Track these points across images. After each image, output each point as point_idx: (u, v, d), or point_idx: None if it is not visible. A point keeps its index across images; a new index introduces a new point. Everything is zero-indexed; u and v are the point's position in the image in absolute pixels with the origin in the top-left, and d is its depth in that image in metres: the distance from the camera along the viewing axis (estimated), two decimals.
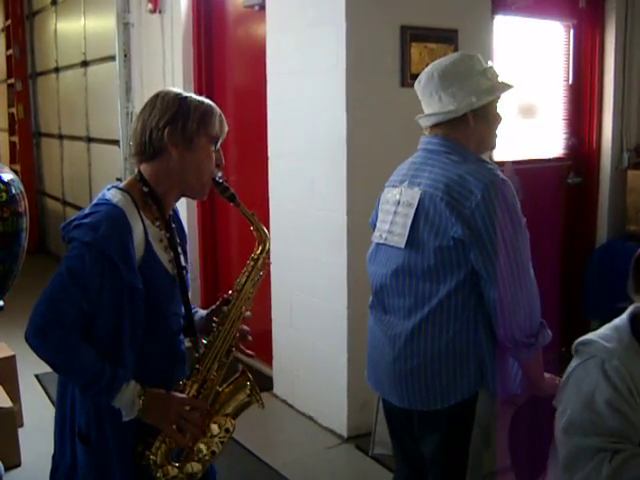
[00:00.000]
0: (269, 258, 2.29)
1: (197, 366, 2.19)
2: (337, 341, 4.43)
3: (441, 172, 2.47)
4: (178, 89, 2.22)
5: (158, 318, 2.15)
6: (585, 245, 5.69)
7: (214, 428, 2.20)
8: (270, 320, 4.88)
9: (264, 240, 2.27)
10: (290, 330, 4.77)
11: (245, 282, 2.24)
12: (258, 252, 2.26)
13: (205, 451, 2.18)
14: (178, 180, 2.16)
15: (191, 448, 2.16)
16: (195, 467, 2.18)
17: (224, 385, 2.27)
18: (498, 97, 2.59)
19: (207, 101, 2.20)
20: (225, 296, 2.28)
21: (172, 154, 2.12)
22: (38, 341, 2.01)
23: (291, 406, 4.85)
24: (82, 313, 1.99)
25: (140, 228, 2.07)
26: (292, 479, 3.99)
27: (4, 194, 3.12)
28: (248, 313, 2.28)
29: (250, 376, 2.27)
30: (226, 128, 2.22)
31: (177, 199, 2.24)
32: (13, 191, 3.17)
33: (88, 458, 2.13)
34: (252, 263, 2.26)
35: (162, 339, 2.18)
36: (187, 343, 2.31)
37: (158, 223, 2.15)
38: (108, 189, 2.15)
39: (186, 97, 2.16)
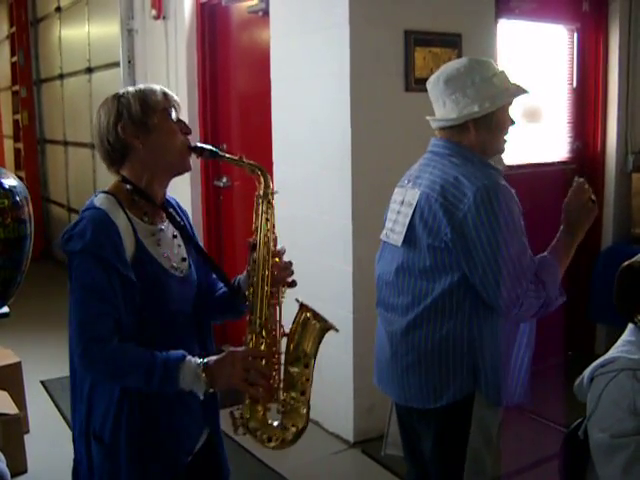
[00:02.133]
0: (274, 188, 2.24)
1: (249, 317, 2.18)
2: (343, 346, 4.42)
3: (440, 174, 2.50)
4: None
5: (162, 317, 2.14)
6: (590, 248, 5.67)
7: (294, 371, 2.21)
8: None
9: (263, 174, 2.21)
10: None
11: (260, 220, 2.20)
12: (261, 189, 2.21)
13: (296, 396, 2.21)
14: (154, 166, 2.16)
15: (272, 397, 2.17)
16: (296, 419, 2.22)
17: (291, 326, 2.25)
18: (507, 103, 2.58)
19: (142, 85, 2.20)
20: (250, 241, 2.22)
21: (135, 146, 2.13)
22: (86, 367, 2.09)
23: None
24: (110, 319, 2.02)
25: (127, 226, 2.08)
26: None
27: (6, 200, 3.11)
28: (280, 247, 2.26)
29: (309, 306, 2.27)
30: (173, 97, 2.19)
31: (165, 185, 2.22)
32: (17, 197, 3.16)
33: (102, 458, 2.13)
34: (259, 200, 2.22)
35: (169, 341, 2.10)
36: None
37: (147, 218, 2.16)
38: (95, 195, 2.17)
39: (122, 92, 2.18)
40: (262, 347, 2.17)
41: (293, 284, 2.28)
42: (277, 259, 2.24)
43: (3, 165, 9.88)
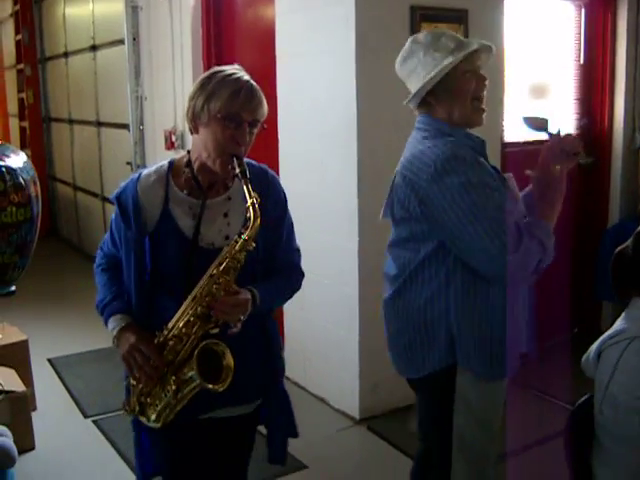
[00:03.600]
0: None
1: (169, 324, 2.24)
2: (348, 324, 4.43)
3: (410, 149, 2.58)
4: (233, 67, 2.34)
5: (164, 275, 2.30)
6: (597, 226, 5.67)
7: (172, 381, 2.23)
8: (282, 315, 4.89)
9: (254, 218, 2.17)
10: (301, 313, 4.77)
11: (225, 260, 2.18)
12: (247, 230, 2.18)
13: (160, 401, 2.27)
14: (200, 154, 2.28)
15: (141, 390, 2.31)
16: (150, 414, 2.31)
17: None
18: (459, 67, 2.49)
19: (232, 76, 2.27)
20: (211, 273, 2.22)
21: (193, 129, 2.29)
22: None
23: (303, 388, 4.86)
24: (109, 250, 2.46)
25: (160, 194, 2.30)
26: (304, 461, 4.01)
27: (1, 184, 3.09)
28: (244, 296, 2.23)
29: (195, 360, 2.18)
30: (240, 105, 2.21)
31: (221, 171, 2.28)
32: (12, 181, 3.12)
33: None
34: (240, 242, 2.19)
35: (167, 295, 2.30)
36: None
37: (186, 191, 2.32)
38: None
39: (218, 72, 2.28)
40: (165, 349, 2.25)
41: (215, 326, 2.22)
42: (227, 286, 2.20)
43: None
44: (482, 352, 2.49)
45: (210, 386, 2.15)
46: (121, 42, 6.88)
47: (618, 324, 2.33)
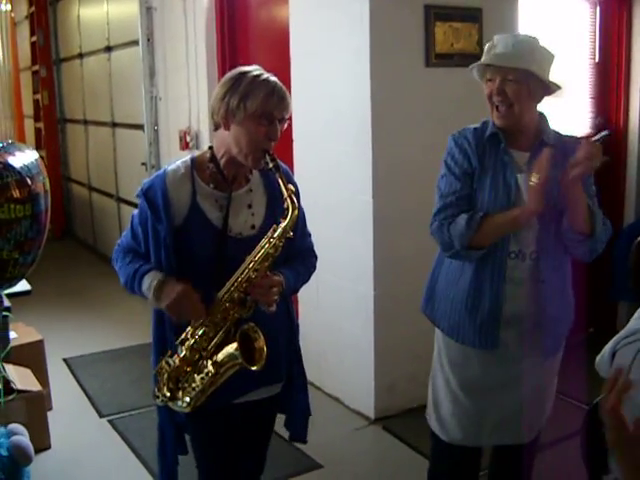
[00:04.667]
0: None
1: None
2: (364, 323, 4.43)
3: None
4: (256, 68, 2.43)
5: (197, 266, 2.41)
6: (613, 225, 5.61)
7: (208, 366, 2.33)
8: (296, 302, 4.87)
9: (292, 214, 2.35)
10: (317, 313, 4.77)
11: (264, 248, 2.34)
12: (283, 226, 2.36)
13: (195, 383, 2.35)
14: (229, 149, 2.40)
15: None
16: (183, 397, 2.37)
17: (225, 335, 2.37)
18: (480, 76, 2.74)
19: (262, 77, 2.38)
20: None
21: (223, 126, 2.39)
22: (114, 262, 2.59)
23: (318, 388, 4.85)
24: (130, 242, 2.51)
25: (185, 188, 2.40)
26: (319, 460, 4.02)
27: None
28: (278, 278, 2.40)
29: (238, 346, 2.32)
30: (275, 104, 2.37)
31: (242, 167, 2.45)
32: (8, 179, 3.09)
33: None
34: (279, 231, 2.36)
35: (197, 287, 2.36)
36: None
37: (212, 185, 2.43)
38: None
39: (246, 73, 2.39)
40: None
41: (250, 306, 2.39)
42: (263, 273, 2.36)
43: None
44: (445, 317, 2.80)
45: (249, 366, 2.29)
46: (135, 43, 6.89)
47: (632, 323, 2.31)
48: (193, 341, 2.34)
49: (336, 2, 4.41)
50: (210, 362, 2.32)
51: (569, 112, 5.48)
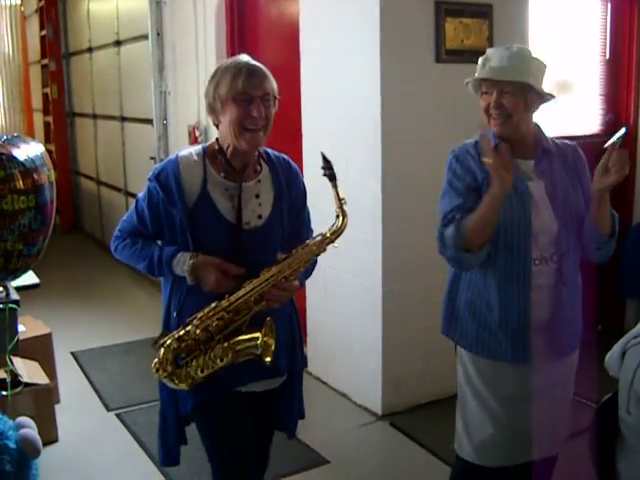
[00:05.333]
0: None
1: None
2: (371, 319, 4.43)
3: None
4: (238, 57, 2.52)
5: (204, 251, 2.42)
6: (621, 223, 5.58)
7: (213, 354, 2.39)
8: (304, 298, 4.89)
9: (343, 223, 2.49)
10: (324, 308, 4.77)
11: (301, 253, 2.44)
12: (332, 230, 2.48)
13: (197, 370, 2.39)
14: (227, 139, 2.46)
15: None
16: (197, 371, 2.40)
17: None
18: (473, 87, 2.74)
19: (232, 63, 2.47)
20: (283, 257, 2.44)
21: (215, 120, 2.49)
22: (113, 254, 2.62)
23: (325, 384, 4.86)
24: (132, 226, 2.54)
25: (197, 175, 2.44)
26: (326, 456, 4.01)
27: (1, 171, 3.05)
28: (296, 283, 2.49)
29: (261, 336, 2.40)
30: (243, 83, 2.39)
31: (243, 156, 2.49)
32: (12, 170, 3.08)
33: None
34: (319, 240, 2.47)
35: None
36: None
37: (223, 174, 2.47)
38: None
39: (220, 65, 2.49)
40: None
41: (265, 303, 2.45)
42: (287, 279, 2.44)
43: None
44: (472, 335, 2.72)
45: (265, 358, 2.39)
46: (145, 37, 6.90)
47: None
48: (211, 322, 2.37)
49: None
50: (225, 344, 2.37)
51: (579, 109, 5.46)
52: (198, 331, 2.37)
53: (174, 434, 2.60)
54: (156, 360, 2.41)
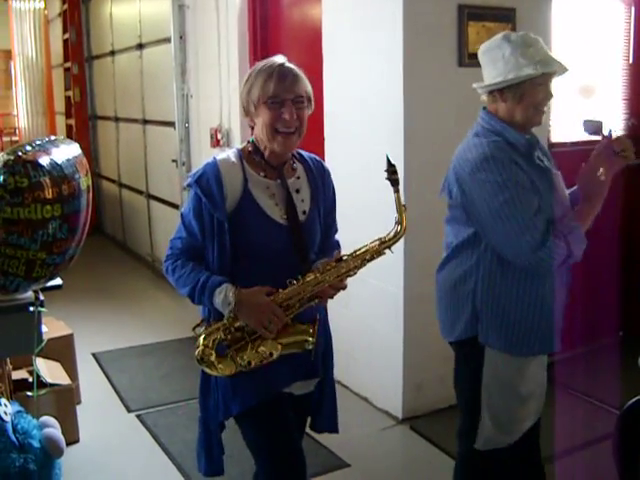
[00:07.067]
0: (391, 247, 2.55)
1: (293, 281, 2.42)
2: (392, 322, 4.42)
3: (465, 141, 2.76)
4: (272, 58, 2.49)
5: (248, 250, 2.45)
6: None
7: (262, 349, 2.41)
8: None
9: (401, 230, 2.57)
10: (346, 312, 4.76)
11: (359, 254, 2.50)
12: (388, 238, 2.56)
13: (244, 360, 2.41)
14: (262, 141, 2.48)
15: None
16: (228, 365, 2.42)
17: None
18: (536, 77, 2.60)
19: (265, 65, 2.45)
20: (341, 256, 2.51)
21: (252, 122, 2.50)
22: (165, 273, 2.56)
23: (346, 387, 4.85)
24: (183, 242, 2.50)
25: (237, 176, 2.44)
26: (346, 460, 4.02)
27: (26, 180, 3.00)
28: (344, 283, 2.54)
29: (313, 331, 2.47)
30: (275, 86, 2.39)
31: (281, 155, 2.51)
32: (41, 178, 3.01)
33: None
34: (377, 244, 2.53)
35: (251, 269, 2.46)
36: None
37: (262, 173, 2.49)
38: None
39: (255, 67, 2.47)
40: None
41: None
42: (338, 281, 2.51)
43: None
44: (501, 333, 2.67)
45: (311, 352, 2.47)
46: (167, 41, 6.93)
47: None
48: None
49: (369, 1, 4.40)
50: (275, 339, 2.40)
51: (602, 113, 5.43)
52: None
53: (217, 443, 2.59)
54: (199, 349, 2.41)
